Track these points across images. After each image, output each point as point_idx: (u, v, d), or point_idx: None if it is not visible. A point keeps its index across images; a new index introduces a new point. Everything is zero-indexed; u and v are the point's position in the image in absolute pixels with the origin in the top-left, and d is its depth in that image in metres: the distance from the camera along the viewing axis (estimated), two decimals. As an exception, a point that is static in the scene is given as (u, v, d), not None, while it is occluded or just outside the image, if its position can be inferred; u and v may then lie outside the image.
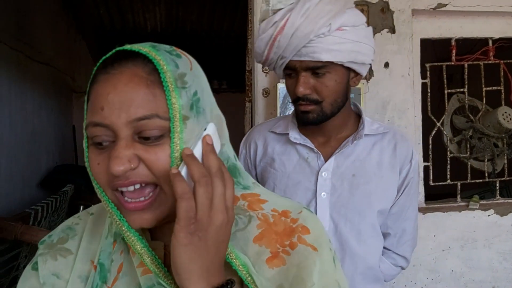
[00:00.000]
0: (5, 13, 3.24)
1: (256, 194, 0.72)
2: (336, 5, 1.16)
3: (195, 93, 0.63)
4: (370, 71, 1.94)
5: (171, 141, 0.60)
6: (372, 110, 1.95)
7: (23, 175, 3.69)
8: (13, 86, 3.45)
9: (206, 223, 0.58)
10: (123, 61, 0.61)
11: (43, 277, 0.72)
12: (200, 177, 0.58)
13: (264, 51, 1.18)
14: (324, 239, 0.69)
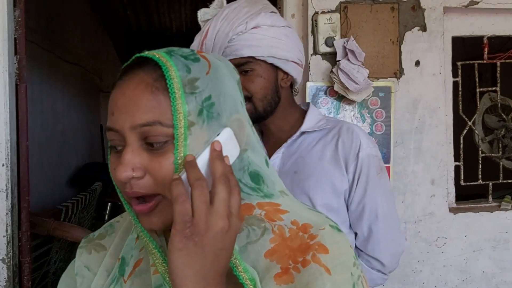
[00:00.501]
0: (37, 15, 3.32)
1: (275, 204, 0.68)
2: (252, 7, 1.24)
3: (208, 97, 0.62)
4: (401, 69, 1.93)
5: (175, 148, 0.60)
6: (403, 109, 1.93)
7: (54, 173, 3.78)
8: (44, 85, 3.53)
9: (203, 228, 0.56)
10: (135, 68, 0.62)
11: (77, 268, 0.77)
12: (194, 181, 0.57)
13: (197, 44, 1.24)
14: (344, 261, 0.63)
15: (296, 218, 0.67)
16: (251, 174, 0.68)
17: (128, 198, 0.63)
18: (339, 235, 0.65)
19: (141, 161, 0.60)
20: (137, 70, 0.62)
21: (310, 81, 1.89)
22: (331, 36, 1.86)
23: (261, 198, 0.68)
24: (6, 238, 1.87)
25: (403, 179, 1.94)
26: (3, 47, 1.86)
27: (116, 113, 0.61)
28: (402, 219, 1.94)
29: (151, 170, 0.60)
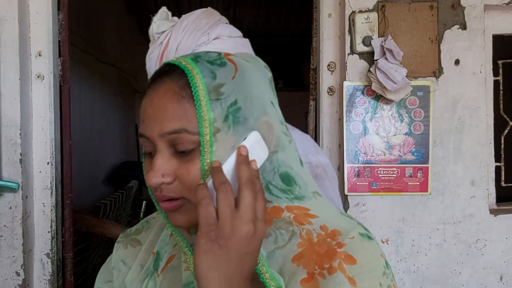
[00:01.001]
0: (77, 17, 3.42)
1: (305, 208, 0.68)
2: (210, 19, 1.26)
3: (234, 102, 0.63)
4: (440, 68, 1.91)
5: (201, 155, 0.61)
6: (442, 109, 1.90)
7: (91, 171, 3.88)
8: (83, 86, 3.63)
9: (228, 232, 0.56)
10: (163, 76, 0.64)
11: (113, 262, 0.80)
12: (218, 185, 0.58)
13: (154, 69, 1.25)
14: (373, 270, 0.62)
15: (325, 223, 0.66)
16: (281, 176, 0.68)
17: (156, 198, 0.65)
18: (369, 243, 0.64)
19: (171, 167, 0.62)
20: (164, 78, 0.64)
21: (347, 81, 1.88)
22: (369, 35, 1.85)
23: (291, 201, 0.68)
24: (50, 233, 1.94)
25: (442, 179, 1.91)
26: (48, 50, 1.94)
27: (146, 121, 0.63)
28: (441, 220, 1.92)
29: (180, 175, 0.62)
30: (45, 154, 1.94)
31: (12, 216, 1.85)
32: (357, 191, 1.88)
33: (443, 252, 1.93)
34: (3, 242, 1.86)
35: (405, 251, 1.92)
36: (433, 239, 1.92)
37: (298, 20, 5.47)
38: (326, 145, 1.97)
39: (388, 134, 1.88)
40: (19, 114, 1.85)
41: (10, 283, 1.86)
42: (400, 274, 1.91)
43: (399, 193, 1.89)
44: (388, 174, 1.87)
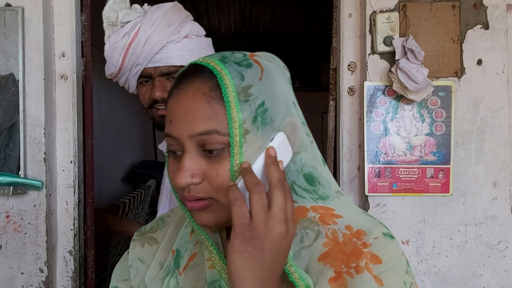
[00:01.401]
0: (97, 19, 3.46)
1: (329, 209, 0.69)
2: (180, 15, 1.29)
3: (262, 104, 0.64)
4: (462, 68, 1.89)
5: (231, 156, 0.61)
6: (464, 109, 1.89)
7: (110, 170, 3.93)
8: (103, 86, 3.68)
9: (262, 233, 0.57)
10: (191, 76, 0.64)
11: (130, 260, 0.81)
12: (252, 186, 0.58)
13: (118, 60, 1.27)
14: (397, 269, 0.63)
15: (350, 223, 0.67)
16: (305, 176, 0.69)
17: (182, 198, 0.66)
18: (391, 242, 0.66)
19: (199, 168, 0.62)
20: (192, 78, 0.64)
21: (368, 81, 1.88)
22: (390, 35, 1.84)
23: (315, 201, 0.69)
24: (73, 231, 1.97)
25: (464, 180, 1.90)
26: (71, 50, 1.97)
27: (174, 121, 0.63)
28: (462, 222, 1.90)
29: (208, 176, 0.62)
30: (68, 153, 1.97)
31: (36, 214, 1.89)
32: (378, 191, 1.87)
33: (465, 253, 1.91)
34: (28, 239, 1.89)
35: (425, 252, 1.90)
36: (454, 240, 1.91)
37: (315, 20, 5.46)
38: (346, 145, 1.97)
39: (409, 134, 1.87)
40: (43, 113, 1.89)
41: (34, 280, 1.90)
42: (420, 276, 1.90)
43: (420, 194, 1.88)
44: (409, 174, 1.86)
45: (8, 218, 1.89)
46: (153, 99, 1.29)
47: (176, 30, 1.28)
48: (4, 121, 1.91)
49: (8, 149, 1.90)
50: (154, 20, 1.27)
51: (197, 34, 1.35)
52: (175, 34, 1.28)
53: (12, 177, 1.85)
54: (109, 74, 1.35)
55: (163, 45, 1.26)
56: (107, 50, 1.31)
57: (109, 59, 1.31)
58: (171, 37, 1.27)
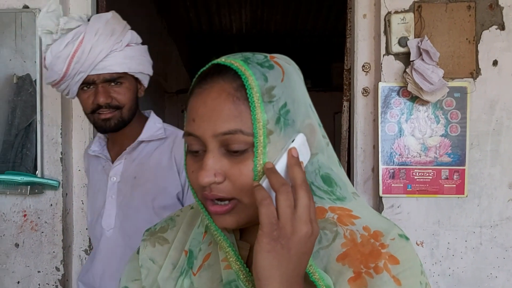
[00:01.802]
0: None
1: (347, 210, 0.69)
2: (120, 25, 1.39)
3: (284, 105, 0.64)
4: (477, 69, 1.88)
5: (255, 156, 0.61)
6: (479, 110, 1.88)
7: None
8: (116, 86, 3.70)
9: (289, 232, 0.58)
10: (214, 76, 0.64)
11: (141, 260, 0.80)
12: (279, 186, 0.59)
13: (62, 68, 1.32)
14: (413, 270, 0.64)
15: (368, 225, 0.67)
16: (323, 177, 0.69)
17: (203, 198, 0.66)
18: (407, 243, 0.66)
19: (222, 167, 0.62)
20: (216, 78, 0.64)
21: (382, 82, 1.88)
22: (405, 36, 1.84)
23: (333, 202, 0.69)
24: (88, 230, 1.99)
25: (479, 182, 1.89)
26: (87, 51, 1.99)
27: (198, 120, 0.63)
28: (477, 223, 1.89)
29: (231, 176, 0.62)
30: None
31: (52, 213, 1.91)
32: (392, 193, 1.87)
33: (479, 255, 1.90)
34: (44, 238, 1.92)
35: (440, 254, 1.90)
36: (469, 242, 1.90)
37: (326, 20, 5.45)
38: (360, 146, 1.97)
39: (424, 135, 1.86)
40: (60, 114, 1.91)
41: (50, 278, 1.92)
42: (435, 277, 1.89)
43: (435, 195, 1.87)
44: (423, 176, 1.86)
45: (25, 217, 1.92)
46: (97, 104, 1.36)
47: (119, 39, 1.37)
48: (21, 121, 1.94)
49: (25, 148, 1.93)
50: (97, 30, 1.34)
51: (136, 42, 1.44)
52: (118, 43, 1.36)
53: (30, 177, 1.87)
54: (51, 81, 1.40)
55: (107, 53, 1.34)
56: (50, 58, 1.37)
57: (52, 66, 1.37)
58: (114, 46, 1.35)
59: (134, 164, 1.45)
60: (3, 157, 1.94)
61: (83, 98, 1.40)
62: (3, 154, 1.95)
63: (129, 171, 1.44)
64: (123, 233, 1.42)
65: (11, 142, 1.95)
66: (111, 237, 1.43)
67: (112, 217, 1.43)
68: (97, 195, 1.48)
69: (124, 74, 1.37)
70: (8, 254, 1.93)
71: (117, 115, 1.38)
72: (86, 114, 1.43)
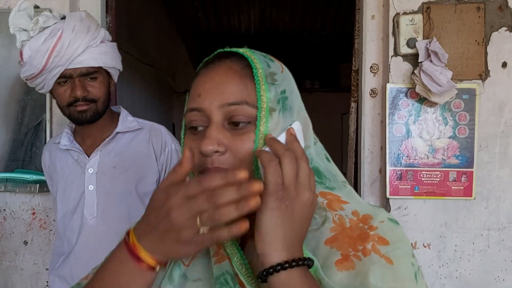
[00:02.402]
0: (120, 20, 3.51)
1: (337, 195, 0.70)
2: (94, 23, 1.48)
3: (284, 91, 0.67)
4: (486, 71, 1.87)
5: (257, 128, 0.64)
6: (488, 112, 1.87)
7: (131, 169, 3.97)
8: (125, 86, 3.72)
9: (293, 194, 0.59)
10: (222, 58, 0.68)
11: None
12: (284, 151, 0.60)
13: (41, 62, 1.39)
14: (405, 251, 0.64)
15: (357, 209, 0.68)
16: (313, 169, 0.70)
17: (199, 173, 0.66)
18: (398, 227, 0.67)
19: (225, 139, 0.64)
20: (224, 59, 0.67)
21: (390, 83, 1.87)
22: (413, 37, 1.84)
23: (324, 189, 0.71)
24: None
25: (487, 184, 1.88)
26: (96, 51, 2.00)
27: (203, 94, 0.65)
28: (485, 226, 1.88)
29: (233, 147, 0.64)
30: (93, 152, 2.01)
31: (61, 211, 1.93)
32: (399, 194, 1.86)
33: (487, 258, 1.89)
34: (52, 236, 1.93)
35: (447, 256, 1.89)
36: (476, 244, 1.89)
37: (334, 20, 5.44)
38: (368, 147, 1.97)
39: (431, 137, 1.86)
40: (69, 113, 1.92)
41: (58, 276, 1.94)
42: (441, 280, 1.88)
43: (442, 197, 1.86)
44: (431, 178, 1.85)
45: (34, 215, 1.93)
46: (74, 97, 1.43)
47: (94, 36, 1.45)
48: (31, 120, 1.96)
49: (35, 147, 1.95)
50: (73, 26, 1.42)
51: (108, 39, 1.53)
52: (94, 39, 1.44)
53: (39, 175, 1.89)
54: (28, 75, 1.46)
55: (84, 48, 1.42)
56: (28, 53, 1.42)
57: (31, 61, 1.42)
58: (91, 42, 1.43)
59: (112, 155, 1.53)
60: (13, 155, 1.96)
61: (59, 92, 1.46)
62: (13, 152, 1.97)
63: (107, 162, 1.52)
64: (106, 220, 1.50)
65: (21, 141, 1.97)
66: (94, 225, 1.50)
67: (94, 205, 1.50)
68: (71, 187, 1.54)
69: (99, 68, 1.46)
70: (17, 251, 1.95)
71: (93, 108, 1.46)
72: (61, 107, 1.50)
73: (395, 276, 0.61)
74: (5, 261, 1.95)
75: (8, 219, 1.94)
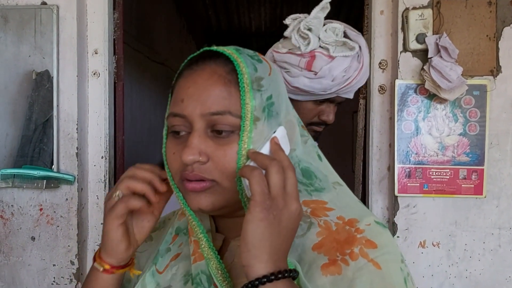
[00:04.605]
0: (129, 18, 3.52)
1: (322, 202, 0.69)
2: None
3: (270, 97, 0.65)
4: (498, 67, 1.83)
5: (240, 139, 0.62)
6: (499, 109, 1.83)
7: (140, 167, 3.98)
8: (134, 84, 3.73)
9: (281, 204, 0.58)
10: (206, 60, 0.65)
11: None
12: (269, 161, 0.59)
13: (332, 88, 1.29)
14: (393, 255, 0.63)
15: (342, 214, 0.67)
16: (303, 170, 0.70)
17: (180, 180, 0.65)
18: (385, 231, 0.66)
19: (207, 148, 0.62)
20: (208, 61, 0.65)
21: (399, 79, 1.84)
22: (423, 32, 1.80)
23: (309, 194, 0.69)
24: (103, 225, 2.01)
25: (498, 182, 1.84)
26: (103, 48, 2.00)
27: (186, 100, 0.63)
28: (496, 225, 1.84)
29: (215, 157, 0.62)
30: (100, 149, 2.01)
31: (68, 207, 1.93)
32: (408, 192, 1.83)
33: (498, 257, 1.85)
34: (60, 232, 1.94)
35: (457, 255, 1.86)
36: (487, 244, 1.85)
37: (346, 18, 5.41)
38: (376, 144, 1.94)
39: (441, 134, 1.83)
40: (76, 109, 1.93)
41: (65, 271, 1.95)
42: (451, 279, 1.85)
43: (452, 195, 1.83)
44: (440, 175, 1.82)
45: (42, 211, 1.94)
46: (322, 120, 1.37)
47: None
48: (39, 116, 1.97)
49: (43, 143, 1.96)
50: (368, 63, 1.35)
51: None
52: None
53: (46, 171, 1.90)
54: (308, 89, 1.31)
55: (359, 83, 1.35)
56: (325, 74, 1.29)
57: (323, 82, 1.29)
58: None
59: None
60: (21, 151, 1.97)
61: (310, 107, 1.36)
62: (21, 148, 1.97)
63: None
64: None
65: (30, 137, 1.97)
66: None
67: None
68: None
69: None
70: (24, 247, 1.96)
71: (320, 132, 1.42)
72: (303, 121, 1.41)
73: (384, 282, 0.60)
74: (13, 256, 1.96)
75: (15, 215, 1.95)
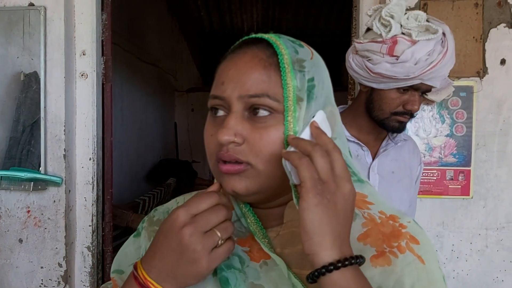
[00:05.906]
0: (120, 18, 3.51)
1: (362, 195, 0.69)
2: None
3: (312, 79, 0.64)
4: (484, 68, 1.84)
5: (285, 119, 0.62)
6: (486, 110, 1.84)
7: (131, 168, 3.97)
8: (125, 84, 3.72)
9: (333, 187, 0.56)
10: (249, 44, 0.66)
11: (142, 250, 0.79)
12: (312, 147, 0.58)
13: (415, 72, 1.27)
14: (433, 256, 0.64)
15: (382, 209, 0.67)
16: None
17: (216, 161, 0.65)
18: (423, 231, 0.67)
19: (243, 129, 0.62)
20: (251, 46, 0.65)
21: (387, 81, 1.85)
22: (410, 34, 1.81)
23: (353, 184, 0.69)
24: (91, 227, 2.00)
25: (485, 183, 1.85)
26: (91, 49, 2.00)
27: (227, 82, 0.64)
28: (483, 225, 1.86)
29: (251, 139, 0.62)
30: (87, 150, 2.00)
31: (55, 210, 1.92)
32: (395, 193, 1.84)
33: (485, 258, 1.86)
34: (47, 234, 1.93)
35: (444, 256, 1.87)
36: (474, 244, 1.86)
37: (337, 20, 5.42)
38: (364, 145, 1.94)
39: (428, 135, 1.83)
40: (63, 111, 1.92)
41: (53, 274, 1.94)
42: (438, 280, 1.86)
43: (439, 196, 1.84)
44: (428, 176, 1.83)
45: (29, 213, 1.93)
46: (407, 110, 1.33)
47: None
48: (27, 118, 1.96)
49: (31, 145, 1.95)
50: (453, 46, 1.32)
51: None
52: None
53: (33, 173, 1.89)
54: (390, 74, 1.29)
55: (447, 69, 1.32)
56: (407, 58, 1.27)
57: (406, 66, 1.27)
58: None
59: (389, 159, 1.44)
60: (9, 153, 1.96)
61: (393, 96, 1.33)
62: (9, 150, 1.96)
63: (385, 165, 1.44)
64: None
65: (18, 139, 1.96)
66: None
67: None
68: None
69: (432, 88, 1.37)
70: (12, 249, 1.95)
71: (406, 124, 1.39)
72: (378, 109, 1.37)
73: (428, 277, 0.61)
74: (0, 259, 1.95)
75: (3, 217, 1.93)
